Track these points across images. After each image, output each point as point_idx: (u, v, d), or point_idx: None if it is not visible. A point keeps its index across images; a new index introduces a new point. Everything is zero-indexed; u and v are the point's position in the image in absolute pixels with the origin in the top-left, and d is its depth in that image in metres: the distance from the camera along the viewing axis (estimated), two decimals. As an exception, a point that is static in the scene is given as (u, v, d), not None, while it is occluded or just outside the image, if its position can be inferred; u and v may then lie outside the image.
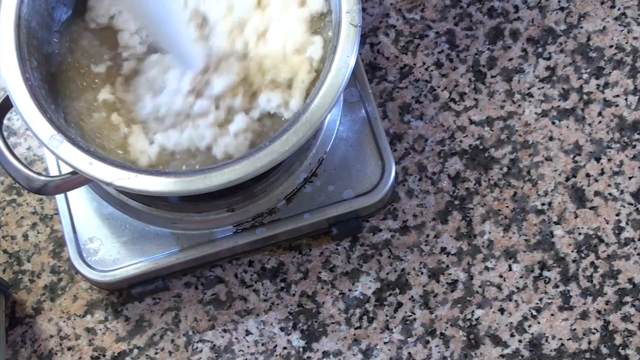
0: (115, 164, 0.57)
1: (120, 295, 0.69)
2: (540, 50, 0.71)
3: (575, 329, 0.66)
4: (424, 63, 0.72)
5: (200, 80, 0.61)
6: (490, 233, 0.68)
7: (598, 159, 0.69)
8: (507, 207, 0.68)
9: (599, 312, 0.66)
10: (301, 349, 0.67)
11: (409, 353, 0.66)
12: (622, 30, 0.71)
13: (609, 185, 0.68)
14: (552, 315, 0.66)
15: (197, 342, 0.68)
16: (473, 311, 0.67)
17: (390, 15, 0.73)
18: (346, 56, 0.58)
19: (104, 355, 0.68)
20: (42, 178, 0.59)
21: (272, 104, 0.61)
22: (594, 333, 0.66)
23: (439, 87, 0.71)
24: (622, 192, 0.68)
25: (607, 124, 0.69)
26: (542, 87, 0.71)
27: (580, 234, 0.67)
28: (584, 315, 0.66)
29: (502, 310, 0.67)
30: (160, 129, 0.61)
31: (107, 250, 0.66)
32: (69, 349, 0.68)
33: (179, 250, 0.66)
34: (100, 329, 0.68)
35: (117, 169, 0.57)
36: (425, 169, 0.69)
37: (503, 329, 0.66)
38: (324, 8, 0.62)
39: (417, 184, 0.69)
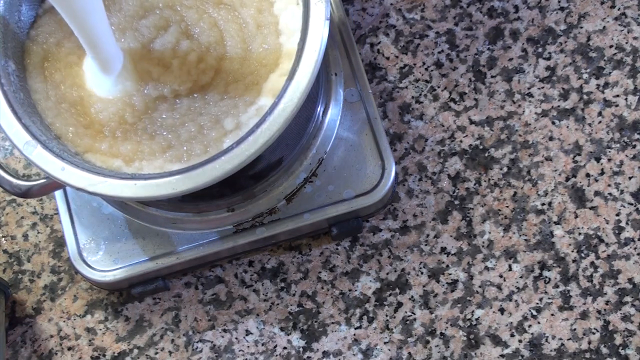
0: (87, 169, 0.57)
1: (120, 295, 0.69)
2: (540, 50, 0.71)
3: (575, 329, 0.66)
4: (424, 63, 0.72)
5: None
6: (490, 233, 0.68)
7: (598, 159, 0.69)
8: (507, 207, 0.68)
9: (599, 312, 0.66)
10: (301, 349, 0.67)
11: (409, 353, 0.66)
12: (622, 30, 0.71)
13: (609, 185, 0.68)
14: (552, 315, 0.66)
15: (197, 342, 0.68)
16: (473, 311, 0.67)
17: (390, 15, 0.73)
18: (313, 51, 0.57)
19: (104, 355, 0.68)
20: (25, 183, 0.61)
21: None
22: (594, 333, 0.66)
23: (439, 87, 0.71)
24: (622, 192, 0.68)
25: (607, 124, 0.69)
26: (542, 87, 0.71)
27: (580, 234, 0.68)
28: (584, 315, 0.66)
29: (502, 310, 0.67)
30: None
31: (107, 250, 0.66)
32: (69, 349, 0.68)
33: (179, 250, 0.66)
34: (100, 329, 0.68)
35: (89, 174, 0.57)
36: (425, 169, 0.70)
37: (503, 329, 0.66)
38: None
39: (417, 184, 0.69)
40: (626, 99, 0.70)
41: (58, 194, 0.67)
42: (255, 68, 0.61)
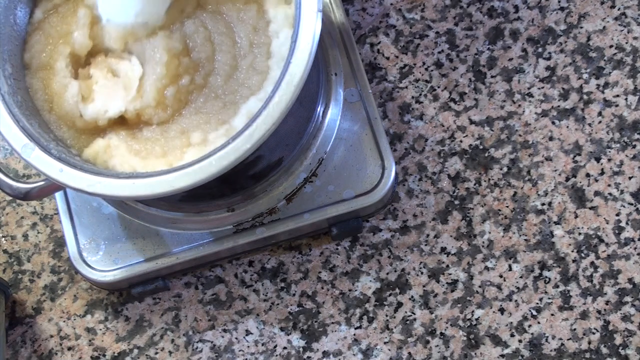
0: (86, 170, 0.57)
1: (120, 295, 0.69)
2: (540, 50, 0.71)
3: (575, 329, 0.66)
4: (424, 63, 0.72)
5: None
6: (490, 233, 0.68)
7: (598, 159, 0.69)
8: (507, 207, 0.68)
9: (599, 312, 0.66)
10: (301, 349, 0.67)
11: (409, 353, 0.66)
12: (622, 30, 0.71)
13: (609, 185, 0.68)
14: (552, 315, 0.66)
15: (197, 342, 0.68)
16: (473, 311, 0.67)
17: (390, 15, 0.73)
18: (307, 42, 0.56)
19: (104, 355, 0.68)
20: (25, 186, 0.61)
21: None
22: (594, 333, 0.66)
23: (439, 87, 0.71)
24: (622, 192, 0.68)
25: (607, 124, 0.69)
26: (542, 87, 0.71)
27: (580, 234, 0.68)
28: (584, 315, 0.66)
29: (502, 310, 0.67)
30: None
31: (107, 250, 0.66)
32: (69, 349, 0.68)
33: (179, 250, 0.66)
34: (100, 329, 0.68)
35: (87, 174, 0.57)
36: (425, 169, 0.70)
37: (503, 329, 0.66)
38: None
39: (417, 184, 0.69)
40: (626, 99, 0.70)
41: (58, 194, 0.67)
42: (238, 88, 0.60)
